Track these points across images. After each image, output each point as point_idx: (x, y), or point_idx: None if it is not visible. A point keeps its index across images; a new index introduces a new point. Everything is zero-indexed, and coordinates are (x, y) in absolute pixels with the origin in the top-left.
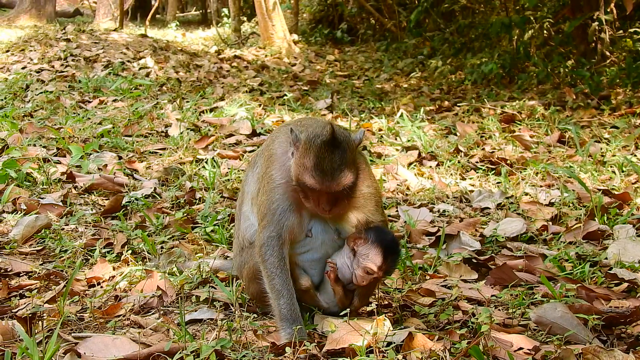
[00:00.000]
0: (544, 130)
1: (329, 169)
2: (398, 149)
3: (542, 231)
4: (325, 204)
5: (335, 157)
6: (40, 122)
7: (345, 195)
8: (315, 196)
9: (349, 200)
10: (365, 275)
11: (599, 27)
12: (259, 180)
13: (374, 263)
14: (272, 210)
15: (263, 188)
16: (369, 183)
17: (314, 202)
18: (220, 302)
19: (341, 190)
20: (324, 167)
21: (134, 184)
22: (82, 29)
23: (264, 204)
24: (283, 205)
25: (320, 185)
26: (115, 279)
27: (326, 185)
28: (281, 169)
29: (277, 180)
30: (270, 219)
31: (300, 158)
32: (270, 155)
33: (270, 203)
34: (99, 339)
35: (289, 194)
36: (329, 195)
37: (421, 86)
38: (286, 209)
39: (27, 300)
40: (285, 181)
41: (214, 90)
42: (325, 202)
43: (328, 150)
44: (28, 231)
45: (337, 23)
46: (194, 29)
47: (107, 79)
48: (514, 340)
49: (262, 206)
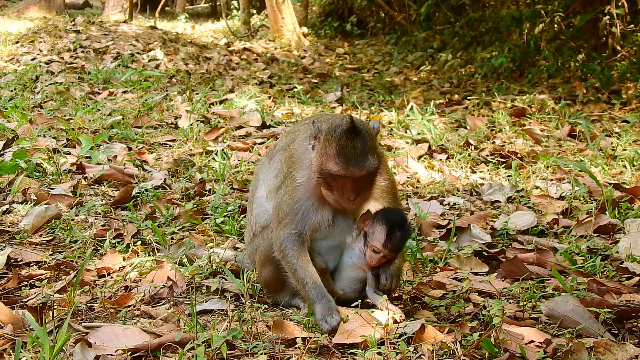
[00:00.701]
0: (554, 124)
1: (352, 154)
2: (408, 141)
3: (553, 224)
4: (350, 193)
5: (357, 144)
6: (50, 113)
7: (369, 182)
8: (339, 185)
9: (372, 188)
10: (373, 254)
11: (610, 21)
12: (279, 177)
13: (378, 241)
14: (295, 210)
15: (285, 188)
16: (387, 176)
17: (337, 193)
18: (230, 292)
19: (365, 175)
20: (347, 153)
21: (144, 175)
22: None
23: (287, 203)
24: (307, 204)
25: (345, 171)
26: (125, 269)
27: (351, 171)
28: (303, 168)
29: (299, 179)
30: (293, 219)
31: (322, 148)
32: (292, 155)
33: (293, 203)
34: (110, 329)
35: (311, 192)
36: (354, 183)
37: (431, 79)
38: (309, 209)
39: (37, 290)
40: (308, 180)
41: (223, 83)
42: (350, 191)
43: (349, 138)
44: (38, 221)
45: (346, 16)
46: (204, 22)
47: (116, 70)
48: (525, 333)
49: (284, 205)
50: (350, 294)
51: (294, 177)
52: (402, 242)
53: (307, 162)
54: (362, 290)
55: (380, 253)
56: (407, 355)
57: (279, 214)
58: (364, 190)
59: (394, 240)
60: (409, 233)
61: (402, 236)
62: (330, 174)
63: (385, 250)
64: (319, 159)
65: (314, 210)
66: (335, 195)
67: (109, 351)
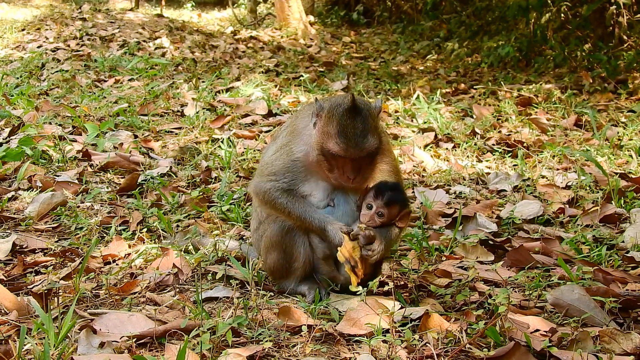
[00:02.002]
0: (560, 114)
1: (353, 135)
2: (414, 130)
3: (558, 214)
4: (349, 172)
5: (357, 124)
6: (56, 100)
7: (369, 162)
8: (339, 164)
9: (372, 168)
10: (366, 211)
11: (617, 10)
12: (277, 150)
13: (371, 196)
14: (284, 174)
15: (280, 156)
16: (388, 159)
17: (338, 172)
18: (236, 280)
19: (365, 156)
20: (347, 134)
21: (150, 163)
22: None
23: (277, 166)
24: (299, 176)
25: (345, 152)
26: (130, 256)
27: (350, 152)
28: (301, 143)
29: (296, 154)
30: (280, 177)
31: (324, 126)
32: (293, 129)
33: (284, 170)
34: (115, 316)
35: (307, 168)
36: (354, 163)
37: (437, 69)
38: (301, 179)
39: (42, 276)
40: (305, 155)
41: (229, 71)
42: (350, 170)
43: (350, 117)
44: (44, 208)
45: (353, 5)
46: (210, 10)
47: (122, 58)
48: (531, 322)
49: (274, 166)
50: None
51: (292, 150)
52: (394, 197)
53: (306, 138)
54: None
55: (373, 208)
56: (413, 343)
57: (264, 168)
58: (364, 169)
59: (386, 195)
60: (402, 193)
61: (394, 193)
62: (330, 153)
63: (379, 201)
64: (319, 136)
65: (305, 182)
66: (335, 173)
67: (114, 337)
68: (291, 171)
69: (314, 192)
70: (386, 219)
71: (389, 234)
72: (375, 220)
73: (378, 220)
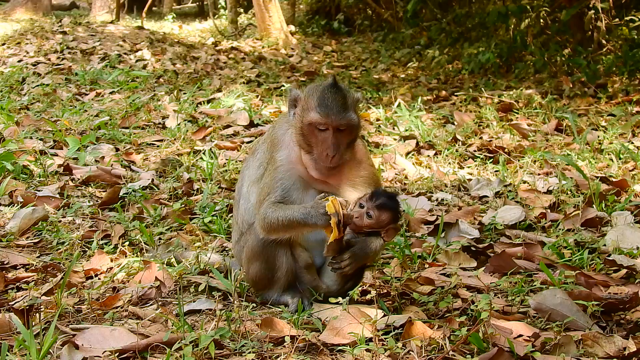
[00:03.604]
0: (541, 119)
1: (334, 104)
2: (396, 138)
3: (540, 219)
4: (329, 148)
5: (338, 97)
6: (37, 114)
7: (349, 139)
8: (319, 141)
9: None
10: (358, 209)
11: (596, 15)
12: (262, 166)
13: (366, 198)
14: (275, 187)
15: (268, 171)
16: (367, 165)
17: (317, 151)
18: (219, 292)
19: (345, 127)
20: (328, 103)
21: (132, 176)
22: (78, 22)
23: (268, 184)
24: (287, 182)
25: (326, 117)
26: (113, 270)
27: (331, 119)
28: (283, 148)
29: (280, 160)
30: (273, 194)
31: (304, 105)
32: (273, 139)
33: (274, 182)
34: (97, 330)
35: (292, 171)
36: (334, 136)
37: (418, 76)
38: (290, 187)
39: (24, 292)
40: (287, 158)
41: (211, 82)
42: (330, 146)
43: (331, 91)
44: (25, 223)
45: (334, 14)
46: (191, 21)
47: (103, 71)
48: (514, 327)
49: (266, 187)
50: (334, 287)
51: (275, 159)
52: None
53: (287, 141)
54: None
55: (364, 208)
56: (396, 351)
57: (260, 194)
58: (343, 147)
59: (380, 198)
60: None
61: (389, 200)
62: (310, 126)
63: (371, 202)
64: (299, 116)
65: (295, 189)
66: (314, 154)
67: (96, 353)
68: (280, 179)
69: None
70: (374, 222)
71: (369, 245)
72: (362, 220)
73: (366, 220)
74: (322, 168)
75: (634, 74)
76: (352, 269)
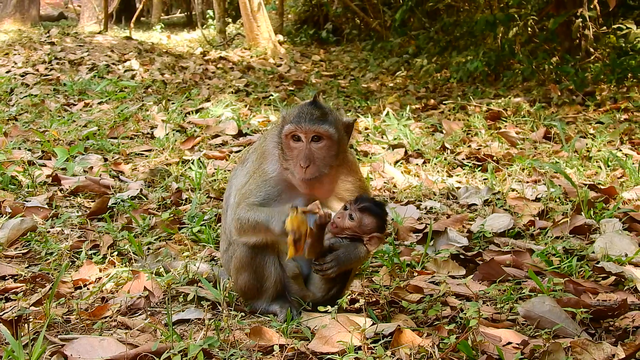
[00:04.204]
0: (529, 127)
1: (307, 115)
2: (384, 147)
3: (529, 226)
4: (302, 159)
5: (315, 111)
6: (25, 125)
7: (324, 151)
8: (295, 153)
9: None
10: (341, 211)
11: (583, 23)
12: (249, 175)
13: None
14: (258, 194)
15: (253, 179)
16: (354, 179)
17: (292, 163)
18: (207, 301)
19: (318, 137)
20: (302, 115)
21: (120, 186)
22: (66, 32)
23: (250, 190)
24: (272, 191)
25: (297, 125)
26: (101, 280)
27: (302, 126)
28: (274, 162)
29: (270, 173)
30: (253, 198)
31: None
32: (264, 151)
33: (258, 189)
34: (86, 341)
35: (280, 186)
36: (308, 146)
37: (407, 85)
38: (274, 198)
39: (12, 303)
40: (279, 174)
41: (199, 92)
42: (303, 157)
43: (310, 106)
44: (13, 234)
45: (322, 23)
46: (179, 31)
47: (92, 81)
48: (503, 335)
49: (248, 191)
50: (318, 294)
51: (265, 170)
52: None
53: (277, 154)
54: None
55: (347, 210)
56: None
57: (241, 197)
58: (319, 160)
59: (364, 202)
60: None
61: (374, 205)
62: (287, 137)
63: (355, 205)
64: (279, 131)
65: (277, 201)
66: (291, 165)
67: None
68: (264, 189)
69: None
70: (356, 225)
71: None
72: (344, 221)
73: (348, 222)
74: (301, 181)
75: (622, 82)
76: (335, 273)
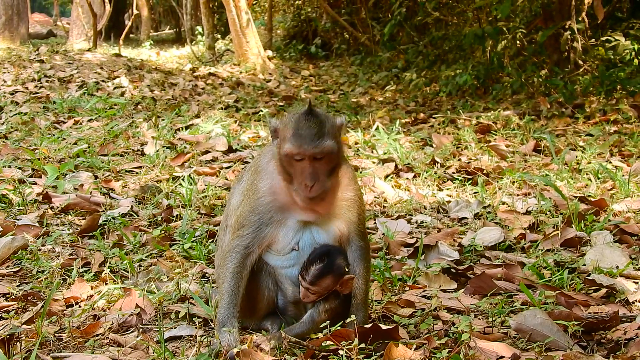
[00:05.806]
0: (519, 140)
1: (307, 134)
2: (375, 161)
3: (520, 239)
4: (307, 178)
5: (312, 125)
6: (15, 143)
7: (328, 167)
8: (298, 172)
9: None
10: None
11: (572, 36)
12: (244, 193)
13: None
14: (252, 222)
15: (247, 199)
16: (352, 189)
17: (296, 182)
18: (199, 318)
19: (321, 156)
20: (301, 133)
21: (111, 203)
22: (55, 50)
23: (244, 214)
24: (264, 217)
25: (299, 149)
26: (93, 298)
27: (304, 149)
28: (267, 178)
29: (262, 190)
30: (247, 230)
31: (281, 135)
32: (257, 167)
33: (251, 214)
34: (78, 358)
35: (273, 204)
36: (311, 166)
37: (396, 99)
38: (266, 222)
39: (4, 321)
40: (270, 188)
41: (189, 108)
42: (308, 176)
43: (305, 119)
44: (4, 252)
45: (311, 38)
46: (168, 48)
47: (81, 99)
48: (495, 348)
49: (241, 216)
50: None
51: (257, 187)
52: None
53: (270, 170)
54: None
55: (303, 287)
56: None
57: (236, 223)
58: (322, 176)
59: (311, 272)
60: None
61: (321, 265)
62: (287, 157)
63: (304, 282)
64: (278, 147)
65: (271, 224)
66: (295, 185)
67: None
68: (258, 213)
69: (279, 235)
70: (320, 292)
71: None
72: (309, 297)
73: (311, 296)
74: (304, 198)
75: (611, 94)
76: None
